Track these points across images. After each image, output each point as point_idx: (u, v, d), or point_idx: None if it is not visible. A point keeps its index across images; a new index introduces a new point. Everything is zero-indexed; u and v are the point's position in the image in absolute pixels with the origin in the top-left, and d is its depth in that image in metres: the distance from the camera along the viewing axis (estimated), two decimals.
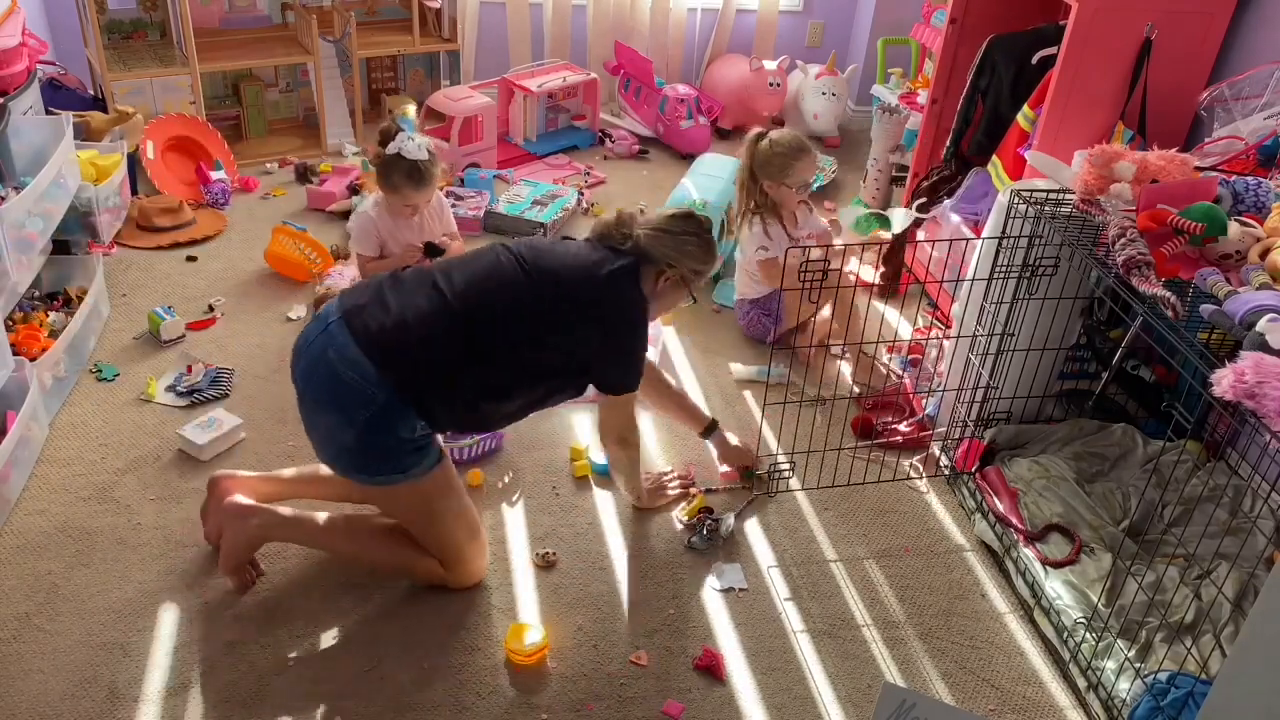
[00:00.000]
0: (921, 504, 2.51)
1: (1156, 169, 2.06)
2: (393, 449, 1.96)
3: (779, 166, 2.89)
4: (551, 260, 2.11)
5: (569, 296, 2.06)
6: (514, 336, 2.02)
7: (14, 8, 3.02)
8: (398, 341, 1.94)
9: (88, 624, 2.01)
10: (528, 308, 2.04)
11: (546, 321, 2.05)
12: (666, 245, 2.18)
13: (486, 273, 2.07)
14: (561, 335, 2.06)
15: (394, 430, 1.94)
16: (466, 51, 4.53)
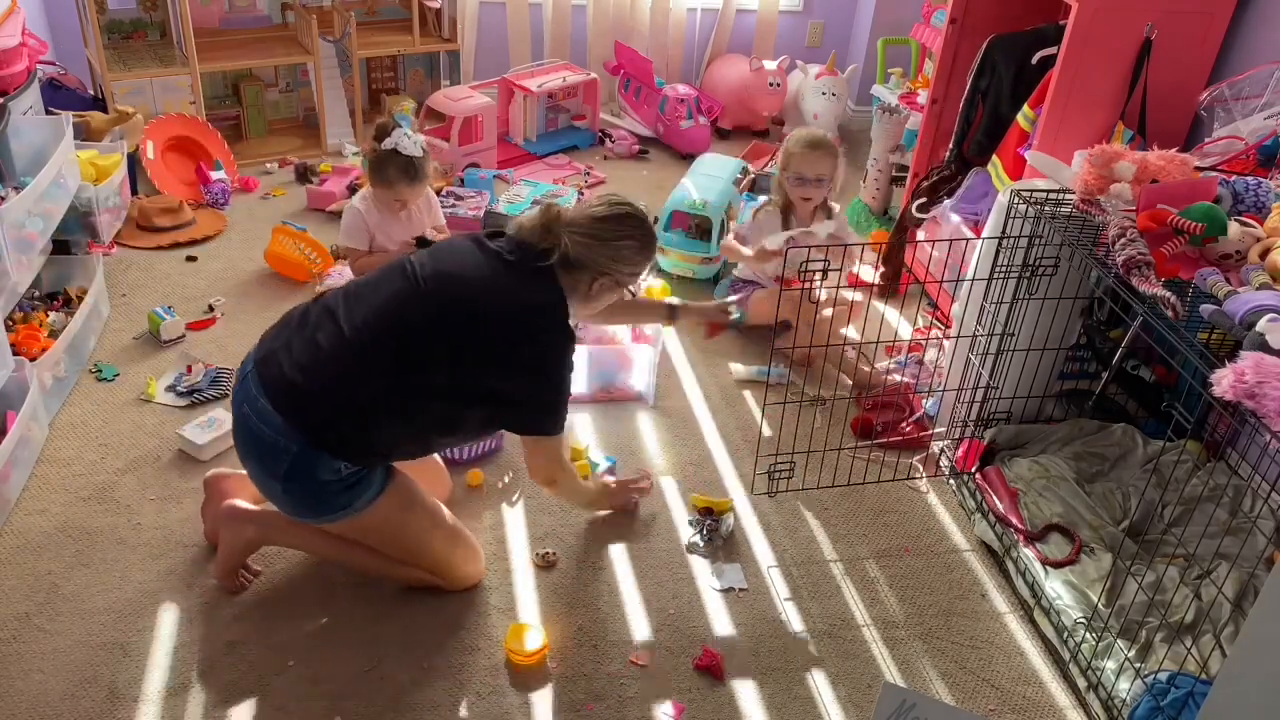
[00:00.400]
0: (921, 504, 2.51)
1: (1156, 169, 2.06)
2: (320, 493, 1.91)
3: (786, 157, 2.95)
4: (462, 287, 1.93)
5: (485, 332, 1.89)
6: (419, 374, 1.88)
7: (14, 8, 3.02)
8: (300, 390, 1.87)
9: (88, 624, 2.01)
10: (432, 343, 1.88)
11: (456, 355, 1.88)
12: (599, 254, 1.98)
13: (386, 302, 1.92)
14: (477, 369, 1.90)
15: (314, 476, 1.88)
16: (466, 51, 4.53)
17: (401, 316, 1.90)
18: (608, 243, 1.98)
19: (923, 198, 3.20)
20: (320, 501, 1.93)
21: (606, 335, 3.01)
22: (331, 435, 1.87)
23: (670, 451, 2.63)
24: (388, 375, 1.88)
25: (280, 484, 1.91)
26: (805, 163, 2.91)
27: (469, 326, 1.89)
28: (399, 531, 2.03)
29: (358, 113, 4.25)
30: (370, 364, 1.88)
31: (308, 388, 1.87)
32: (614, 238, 1.99)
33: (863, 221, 3.88)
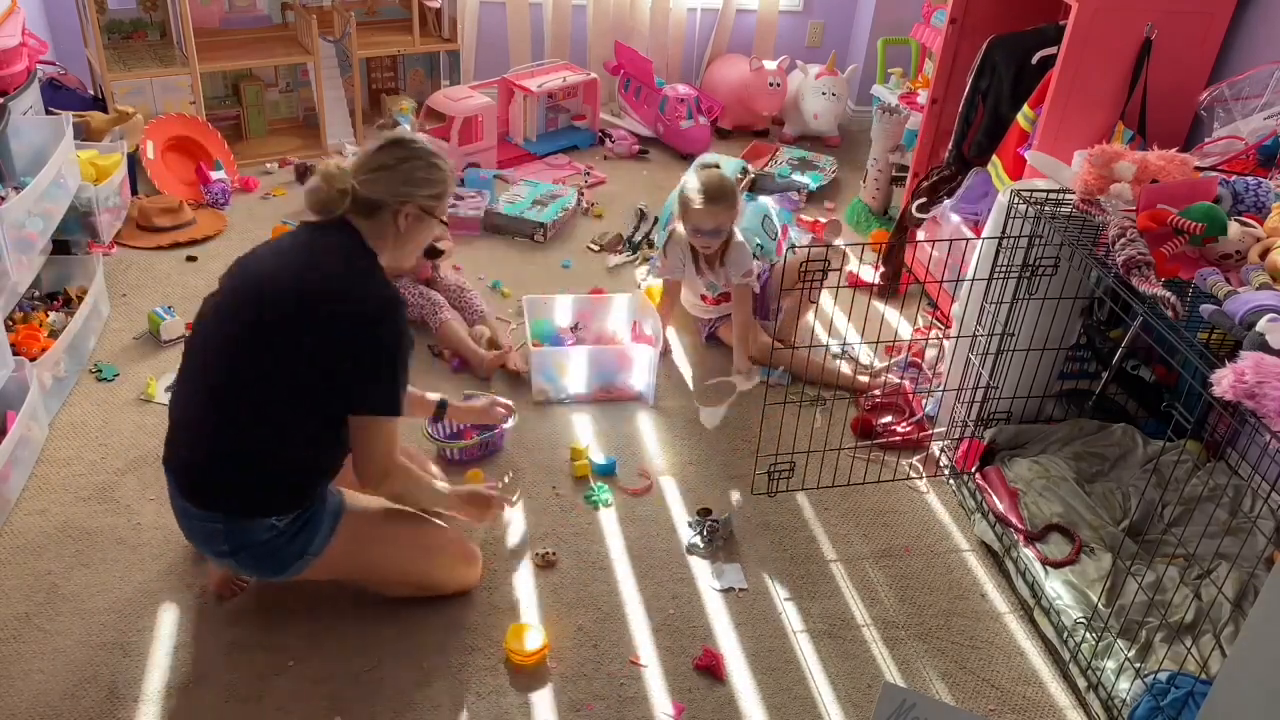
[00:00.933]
0: (921, 504, 2.51)
1: (1156, 169, 2.06)
2: (271, 553, 1.87)
3: (680, 208, 2.82)
4: (267, 292, 1.82)
5: (304, 328, 1.78)
6: (273, 394, 1.80)
7: (14, 8, 3.02)
8: (196, 469, 1.86)
9: (88, 624, 2.01)
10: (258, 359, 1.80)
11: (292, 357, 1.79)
12: (390, 182, 1.88)
13: (208, 341, 1.86)
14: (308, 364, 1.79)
15: (255, 540, 1.85)
16: (466, 51, 4.53)
17: (223, 349, 1.83)
18: (395, 169, 1.89)
19: (923, 198, 3.20)
20: (276, 559, 1.89)
21: (606, 335, 3.02)
22: (236, 498, 1.83)
23: (670, 451, 2.63)
24: (241, 410, 1.81)
25: (230, 558, 1.89)
26: (702, 217, 2.75)
27: (287, 329, 1.79)
28: (364, 563, 1.99)
29: (358, 113, 4.25)
30: (223, 408, 1.82)
31: (197, 463, 1.85)
32: (398, 162, 1.90)
33: (863, 221, 3.88)
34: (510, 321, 3.12)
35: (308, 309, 1.78)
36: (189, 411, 1.89)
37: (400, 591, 2.08)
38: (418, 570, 2.06)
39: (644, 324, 2.97)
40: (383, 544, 2.00)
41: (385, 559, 2.01)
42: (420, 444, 2.41)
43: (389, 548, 2.01)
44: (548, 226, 3.61)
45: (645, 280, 3.40)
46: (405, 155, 1.90)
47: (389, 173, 1.88)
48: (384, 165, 1.89)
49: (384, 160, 1.89)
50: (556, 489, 2.47)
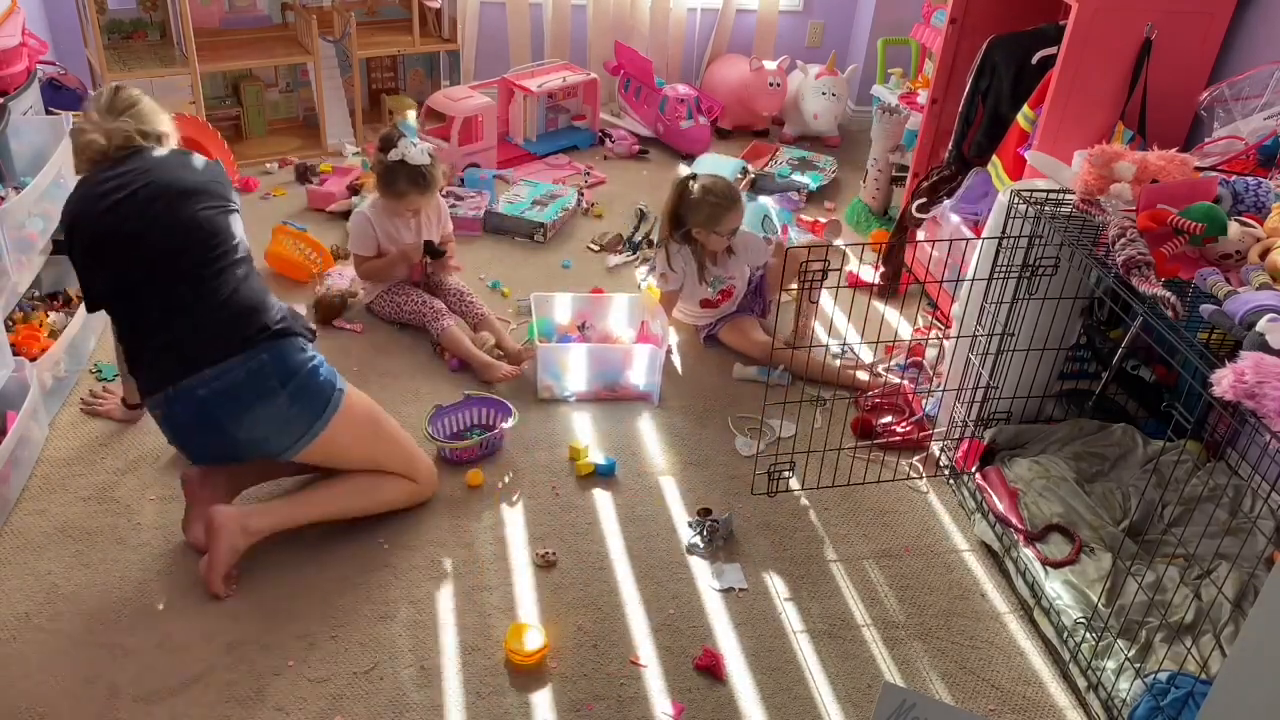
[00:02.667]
0: (921, 504, 2.51)
1: (1156, 169, 2.06)
2: (313, 378, 2.08)
3: (708, 215, 2.85)
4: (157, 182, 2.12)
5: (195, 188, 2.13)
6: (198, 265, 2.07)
7: (14, 8, 3.02)
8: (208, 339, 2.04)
9: (88, 624, 2.01)
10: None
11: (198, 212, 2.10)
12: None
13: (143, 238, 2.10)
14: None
15: (297, 363, 2.06)
16: (466, 51, 4.53)
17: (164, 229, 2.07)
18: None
19: (923, 198, 3.20)
20: (318, 389, 2.08)
21: (611, 335, 3.02)
22: (271, 324, 2.06)
23: (671, 451, 2.63)
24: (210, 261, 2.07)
25: (284, 395, 2.04)
26: (733, 219, 2.87)
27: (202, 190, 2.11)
28: (374, 426, 2.21)
29: (358, 113, 4.25)
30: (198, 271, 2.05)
31: (212, 327, 2.04)
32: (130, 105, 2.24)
33: (863, 221, 3.88)
34: (510, 321, 3.12)
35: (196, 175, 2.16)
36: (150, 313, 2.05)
37: (383, 498, 2.26)
38: (405, 445, 2.28)
39: (651, 323, 2.97)
40: (384, 419, 2.26)
41: (387, 429, 2.24)
42: (421, 444, 2.41)
43: (389, 423, 2.27)
44: (548, 226, 3.61)
45: (645, 280, 3.40)
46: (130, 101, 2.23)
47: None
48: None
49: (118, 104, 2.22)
50: (556, 489, 2.47)
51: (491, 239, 3.63)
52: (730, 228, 2.88)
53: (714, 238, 2.89)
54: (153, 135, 2.19)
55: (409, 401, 2.71)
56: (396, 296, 3.00)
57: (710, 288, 3.00)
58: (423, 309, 2.94)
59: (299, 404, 2.06)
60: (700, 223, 2.87)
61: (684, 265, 2.95)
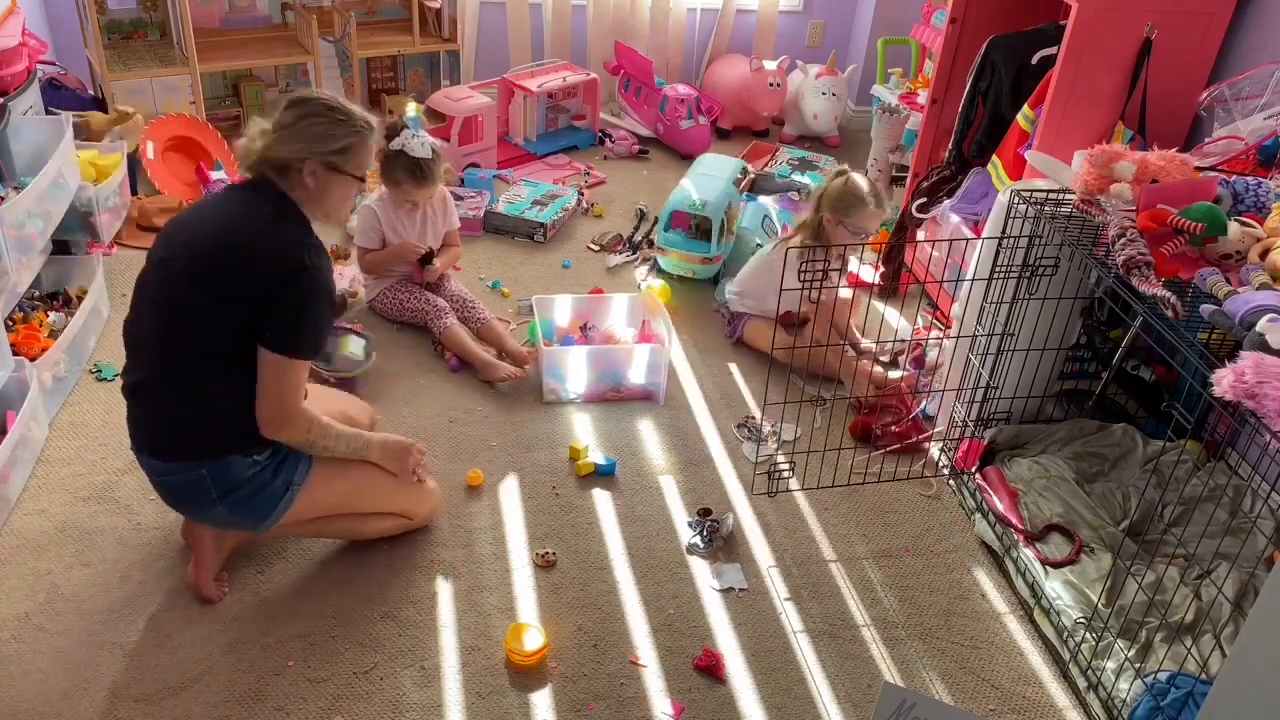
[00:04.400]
0: (921, 504, 2.51)
1: (1156, 169, 2.06)
2: (257, 490, 1.95)
3: (845, 206, 2.86)
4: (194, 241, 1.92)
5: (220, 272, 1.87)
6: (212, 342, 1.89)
7: (14, 8, 3.02)
8: (160, 429, 1.94)
9: (88, 624, 2.01)
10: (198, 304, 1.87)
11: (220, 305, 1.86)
12: (290, 141, 1.92)
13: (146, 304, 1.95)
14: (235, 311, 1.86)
15: (239, 478, 1.93)
16: (466, 51, 4.53)
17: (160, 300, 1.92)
18: (293, 127, 1.93)
19: (923, 198, 3.20)
20: (264, 498, 1.96)
21: (614, 335, 3.02)
22: (212, 441, 1.91)
23: (671, 451, 2.63)
24: (187, 359, 1.90)
25: (221, 505, 1.95)
26: (871, 219, 2.87)
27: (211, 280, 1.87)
28: (353, 486, 2.09)
29: None
30: (171, 360, 1.90)
31: (161, 423, 1.93)
32: (295, 120, 1.94)
33: None
34: (510, 321, 3.12)
35: (227, 259, 1.87)
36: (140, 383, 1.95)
37: (376, 528, 2.19)
38: (396, 493, 2.15)
39: (653, 324, 2.97)
40: (360, 468, 2.08)
41: (365, 483, 2.10)
42: None
43: (367, 472, 2.09)
44: (548, 226, 3.61)
45: (645, 280, 3.40)
46: (303, 113, 1.94)
47: (288, 131, 1.93)
48: (284, 125, 1.94)
49: (284, 120, 1.95)
50: (556, 489, 2.47)
51: (491, 239, 3.63)
52: (861, 225, 2.86)
53: (841, 231, 2.87)
54: (276, 165, 1.95)
55: (409, 401, 2.71)
56: (399, 294, 3.00)
57: None
58: (425, 307, 2.95)
59: (239, 513, 1.97)
60: (835, 209, 2.87)
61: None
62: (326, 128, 1.94)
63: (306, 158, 1.92)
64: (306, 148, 1.92)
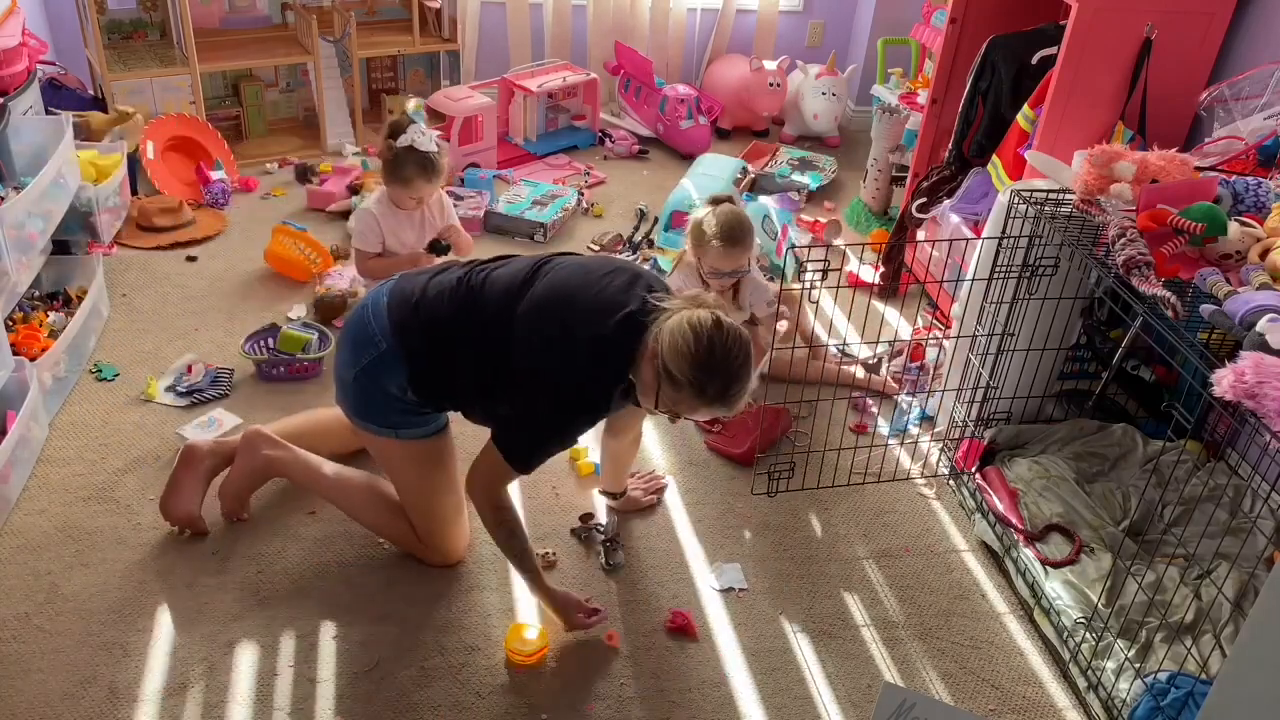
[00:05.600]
0: (921, 504, 2.51)
1: (1156, 169, 2.06)
2: (380, 402, 2.04)
3: (695, 243, 2.62)
4: (554, 305, 1.92)
5: (539, 349, 1.90)
6: (506, 358, 1.93)
7: (14, 8, 3.02)
8: (413, 310, 2.00)
9: (88, 624, 2.01)
10: (521, 338, 1.91)
11: (513, 356, 1.92)
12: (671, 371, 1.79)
13: (509, 281, 1.98)
14: (514, 377, 1.93)
15: (383, 382, 2.01)
16: (466, 51, 4.53)
17: (511, 299, 1.95)
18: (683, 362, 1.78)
19: (923, 198, 3.20)
20: (378, 409, 2.05)
21: None
22: (420, 361, 1.99)
23: (671, 451, 2.63)
24: (476, 344, 1.97)
25: (355, 373, 2.02)
26: (724, 260, 2.57)
27: (510, 344, 1.92)
28: (418, 477, 2.13)
29: (357, 113, 4.25)
30: (472, 331, 1.97)
31: (419, 311, 2.00)
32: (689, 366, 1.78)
33: (863, 221, 3.88)
34: None
35: (530, 345, 1.90)
36: (443, 288, 2.01)
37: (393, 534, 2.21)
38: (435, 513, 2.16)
39: None
40: (437, 475, 2.14)
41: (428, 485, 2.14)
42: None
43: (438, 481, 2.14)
44: (548, 226, 3.61)
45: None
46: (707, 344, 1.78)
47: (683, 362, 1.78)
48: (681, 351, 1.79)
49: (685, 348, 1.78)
50: (556, 489, 2.47)
51: (491, 239, 3.63)
52: (722, 267, 2.59)
53: (708, 273, 2.63)
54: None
55: None
56: None
57: None
58: None
59: (350, 393, 2.08)
60: (693, 247, 2.64)
61: (690, 284, 2.73)
62: (691, 395, 1.81)
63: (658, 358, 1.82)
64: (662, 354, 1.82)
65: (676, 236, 3.40)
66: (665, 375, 1.78)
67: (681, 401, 1.81)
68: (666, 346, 1.77)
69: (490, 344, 1.94)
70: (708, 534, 2.36)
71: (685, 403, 1.82)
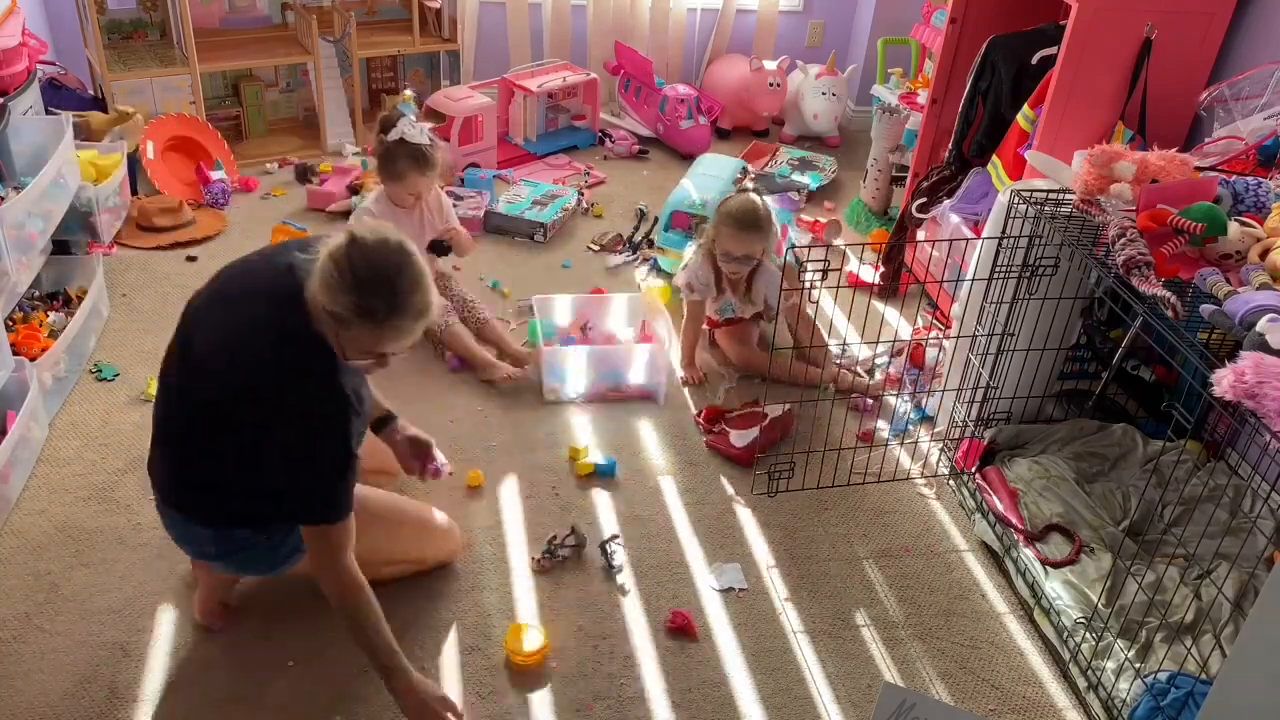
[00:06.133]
0: (921, 504, 2.51)
1: (1156, 169, 2.06)
2: (256, 554, 1.87)
3: (716, 227, 2.80)
4: (208, 360, 1.71)
5: (233, 407, 1.67)
6: (224, 456, 1.72)
7: (14, 8, 3.02)
8: (176, 489, 1.82)
9: (88, 624, 2.01)
10: (210, 425, 1.71)
11: (232, 435, 1.69)
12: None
13: (169, 375, 1.78)
14: (236, 435, 1.68)
15: (243, 543, 1.83)
16: (466, 51, 4.53)
17: (171, 400, 1.79)
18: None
19: (923, 198, 3.20)
20: (269, 559, 1.89)
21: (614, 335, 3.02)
22: (218, 514, 1.80)
23: (671, 451, 2.63)
24: (201, 456, 1.75)
25: (218, 561, 1.88)
26: (734, 243, 2.73)
27: (222, 411, 1.69)
28: (369, 547, 1.89)
29: (357, 113, 4.25)
30: (187, 446, 1.77)
31: (175, 478, 1.82)
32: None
33: (863, 221, 3.88)
34: (510, 322, 3.12)
35: (241, 398, 1.67)
36: (165, 428, 1.84)
37: (389, 573, 2.06)
38: (406, 551, 2.10)
39: (653, 324, 2.97)
40: (372, 526, 1.91)
41: (376, 541, 1.95)
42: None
43: (377, 533, 1.94)
44: (548, 226, 3.61)
45: (645, 280, 3.40)
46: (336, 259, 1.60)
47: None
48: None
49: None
50: (556, 489, 2.47)
51: (491, 239, 3.63)
52: (733, 250, 2.75)
53: (722, 258, 2.80)
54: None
55: (409, 401, 2.71)
56: None
57: (719, 311, 2.97)
58: None
59: (237, 568, 1.93)
60: (714, 236, 2.81)
61: (706, 276, 2.88)
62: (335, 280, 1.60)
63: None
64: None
65: (676, 236, 3.40)
66: (332, 319, 1.59)
67: (364, 339, 1.62)
68: (318, 290, 1.59)
69: (206, 428, 1.72)
70: (708, 534, 2.36)
71: (367, 339, 1.62)
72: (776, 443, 2.63)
